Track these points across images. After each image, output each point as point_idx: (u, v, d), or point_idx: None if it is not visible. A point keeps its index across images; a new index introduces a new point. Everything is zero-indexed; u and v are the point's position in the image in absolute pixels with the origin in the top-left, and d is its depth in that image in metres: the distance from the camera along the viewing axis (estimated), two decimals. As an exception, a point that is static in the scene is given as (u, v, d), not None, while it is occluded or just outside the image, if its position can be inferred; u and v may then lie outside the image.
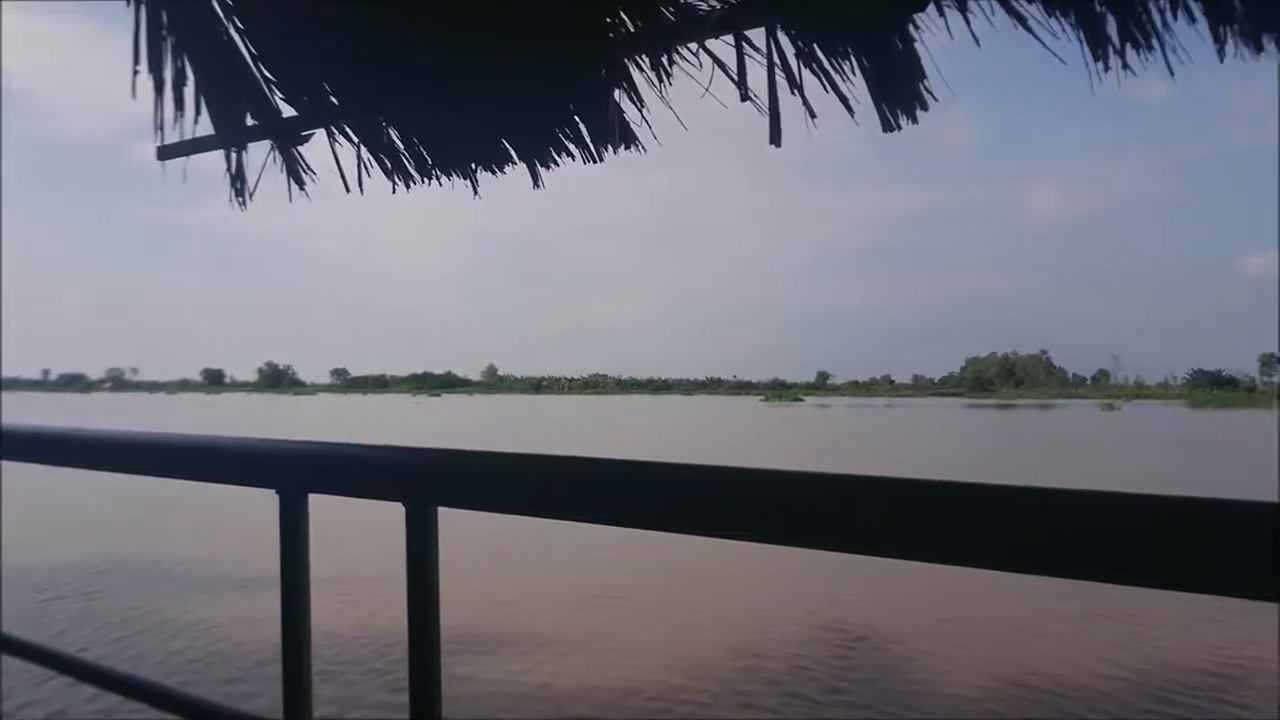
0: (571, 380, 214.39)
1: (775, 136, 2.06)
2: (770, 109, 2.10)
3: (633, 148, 2.68)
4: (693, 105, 2.43)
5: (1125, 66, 1.97)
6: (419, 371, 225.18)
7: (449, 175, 3.23)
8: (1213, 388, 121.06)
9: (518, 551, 12.64)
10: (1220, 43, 1.93)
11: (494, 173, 3.13)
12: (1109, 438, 45.37)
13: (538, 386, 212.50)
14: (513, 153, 3.02)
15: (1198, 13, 1.96)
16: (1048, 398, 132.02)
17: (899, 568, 8.97)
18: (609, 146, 2.69)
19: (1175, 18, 1.97)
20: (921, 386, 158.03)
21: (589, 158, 2.77)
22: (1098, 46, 1.98)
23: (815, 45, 2.16)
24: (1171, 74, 1.94)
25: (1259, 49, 1.84)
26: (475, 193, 3.19)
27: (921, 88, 2.12)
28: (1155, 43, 1.97)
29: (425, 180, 3.28)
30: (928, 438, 45.59)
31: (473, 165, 3.15)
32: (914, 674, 7.52)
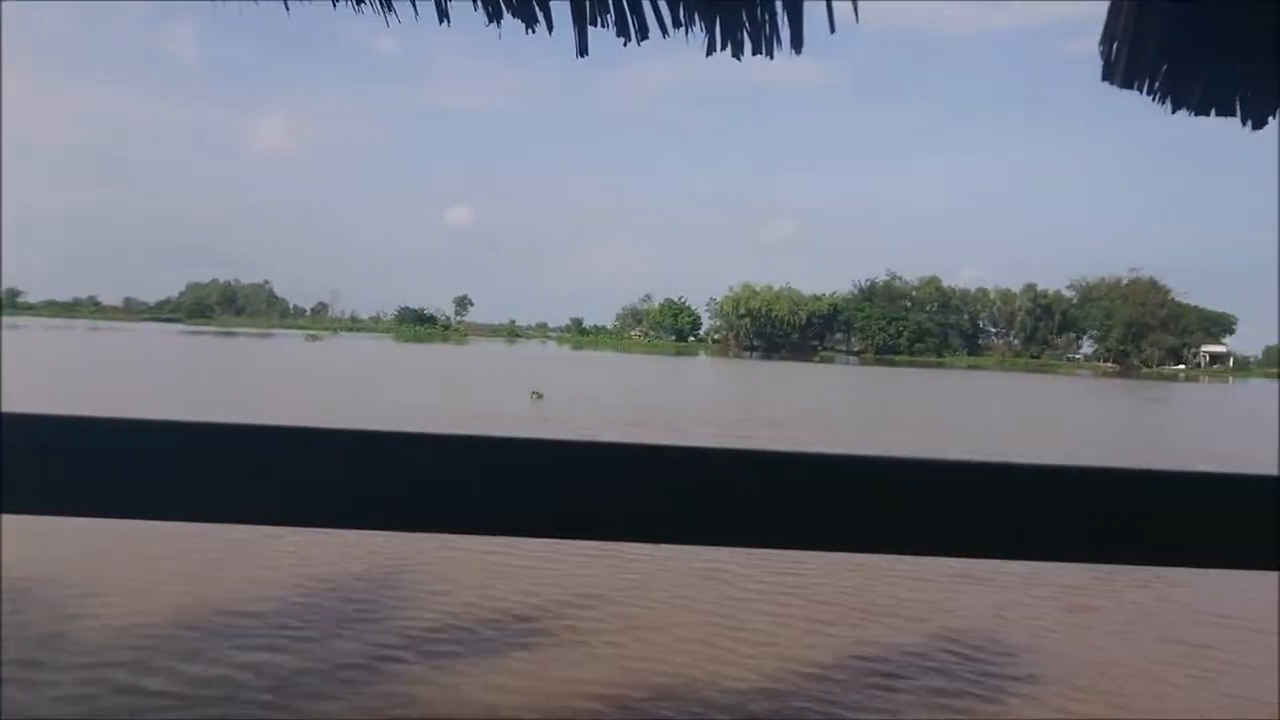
0: None
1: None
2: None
3: None
4: None
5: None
6: None
7: None
8: (415, 324, 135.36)
9: None
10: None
11: None
12: (305, 365, 49.28)
13: None
14: None
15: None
16: (268, 327, 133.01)
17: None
18: None
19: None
20: (135, 310, 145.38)
21: None
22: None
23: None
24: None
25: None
26: None
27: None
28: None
29: None
30: (125, 365, 42.31)
31: None
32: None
